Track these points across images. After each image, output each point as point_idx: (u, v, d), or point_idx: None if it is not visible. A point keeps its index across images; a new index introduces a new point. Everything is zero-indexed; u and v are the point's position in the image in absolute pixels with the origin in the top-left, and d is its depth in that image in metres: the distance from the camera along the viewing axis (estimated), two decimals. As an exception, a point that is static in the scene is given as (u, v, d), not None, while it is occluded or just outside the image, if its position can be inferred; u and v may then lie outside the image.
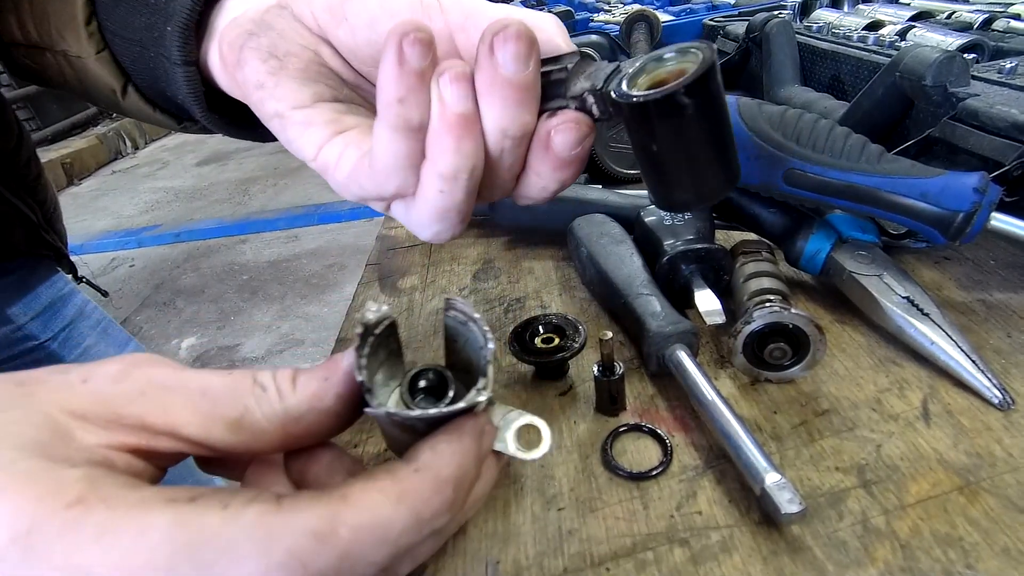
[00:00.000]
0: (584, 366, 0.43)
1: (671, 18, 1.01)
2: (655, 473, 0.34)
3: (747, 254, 0.45)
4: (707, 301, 0.41)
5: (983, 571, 0.27)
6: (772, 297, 0.40)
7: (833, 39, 0.72)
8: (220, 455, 0.24)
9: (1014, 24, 0.68)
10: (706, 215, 0.48)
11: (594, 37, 0.84)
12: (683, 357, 0.38)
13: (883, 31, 0.71)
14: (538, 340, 0.42)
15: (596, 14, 1.18)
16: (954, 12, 0.75)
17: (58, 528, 0.19)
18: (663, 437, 0.36)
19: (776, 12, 0.83)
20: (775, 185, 0.44)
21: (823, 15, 0.84)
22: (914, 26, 0.70)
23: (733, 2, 1.12)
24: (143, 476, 0.23)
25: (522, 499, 0.34)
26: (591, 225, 0.52)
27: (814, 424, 0.36)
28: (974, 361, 0.37)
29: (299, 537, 0.20)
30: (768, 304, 0.39)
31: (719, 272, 0.45)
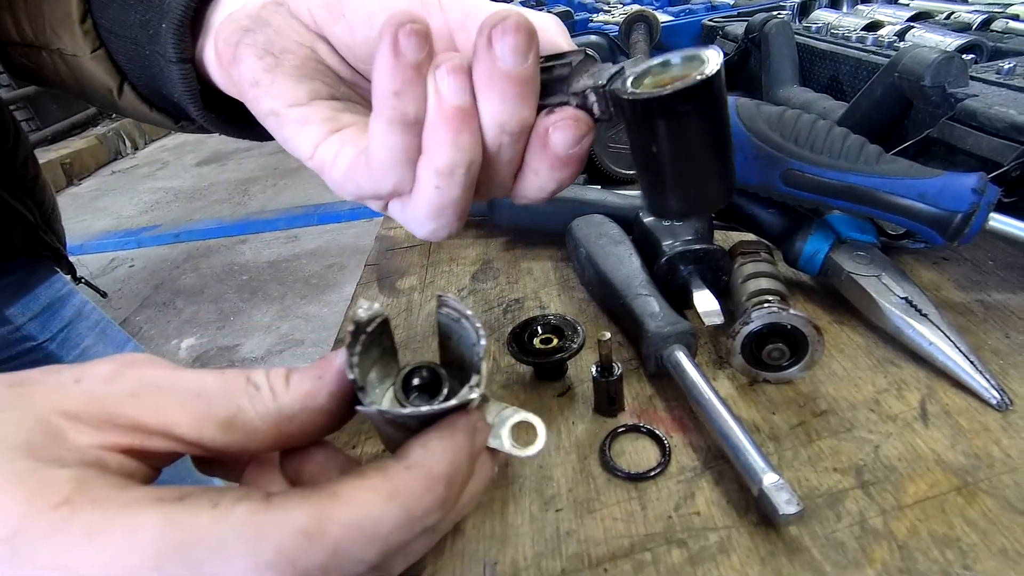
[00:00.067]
0: (582, 367, 0.42)
1: (670, 18, 1.01)
2: (653, 474, 0.34)
3: (746, 255, 0.45)
4: (705, 302, 0.41)
5: (981, 572, 0.27)
6: (770, 298, 0.40)
7: (832, 39, 0.72)
8: (214, 455, 0.24)
9: (1013, 24, 0.68)
10: (704, 216, 0.47)
11: (593, 37, 0.84)
12: (681, 358, 0.38)
13: (882, 31, 0.71)
14: (536, 341, 0.42)
15: (595, 14, 1.18)
16: (953, 13, 0.75)
17: (45, 529, 0.19)
18: (661, 438, 0.36)
19: (775, 12, 0.83)
20: (773, 185, 0.44)
21: (822, 15, 0.84)
22: (913, 26, 0.70)
23: (732, 2, 1.12)
24: (136, 476, 0.23)
25: (520, 500, 0.34)
26: (590, 226, 0.52)
27: (812, 425, 0.36)
28: (972, 362, 0.37)
29: (288, 535, 0.20)
30: (766, 305, 0.39)
31: (718, 273, 0.45)
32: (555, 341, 0.41)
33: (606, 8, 1.23)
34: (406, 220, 0.28)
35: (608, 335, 0.37)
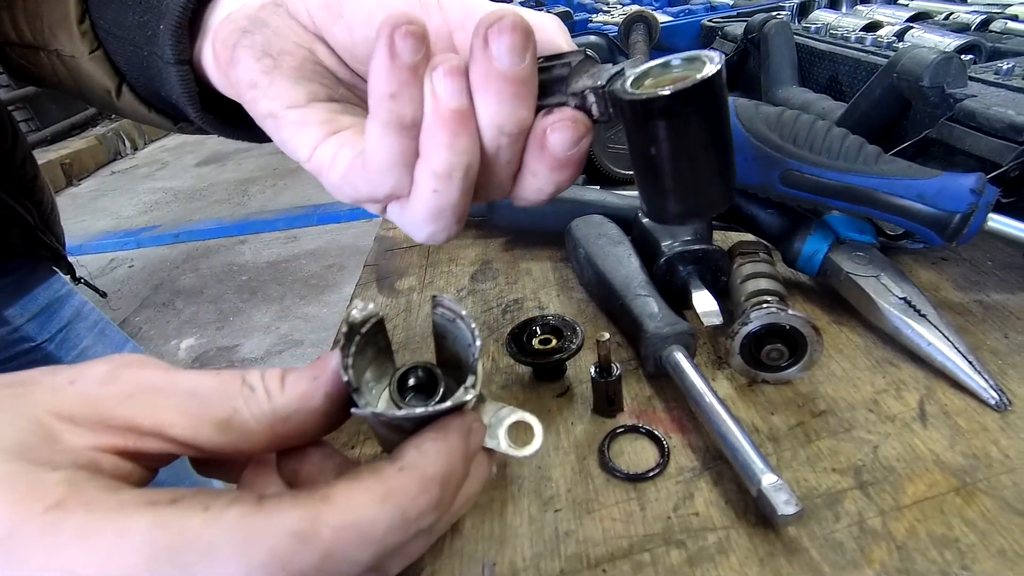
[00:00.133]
0: (581, 367, 0.42)
1: (669, 19, 1.01)
2: (652, 474, 0.34)
3: (745, 255, 0.45)
4: (705, 302, 0.41)
5: (979, 572, 0.27)
6: (769, 298, 0.40)
7: (831, 40, 0.72)
8: (210, 456, 0.24)
9: (1011, 25, 0.68)
10: (704, 218, 0.47)
11: (593, 38, 0.84)
12: (680, 358, 0.38)
13: (881, 32, 0.71)
14: (536, 341, 0.42)
15: (595, 15, 1.18)
16: (952, 13, 0.76)
17: (37, 532, 0.19)
18: (660, 438, 0.36)
19: (774, 13, 0.83)
20: (772, 186, 0.44)
21: (821, 16, 0.84)
22: (912, 27, 0.70)
23: (731, 3, 1.12)
24: (131, 478, 0.23)
25: (519, 500, 0.34)
26: (589, 226, 0.52)
27: (811, 425, 0.36)
28: (971, 362, 0.37)
29: (280, 538, 0.20)
30: (765, 305, 0.39)
31: (717, 273, 0.45)
32: (554, 342, 0.41)
33: (605, 8, 1.23)
34: (404, 223, 0.28)
35: (607, 335, 0.37)
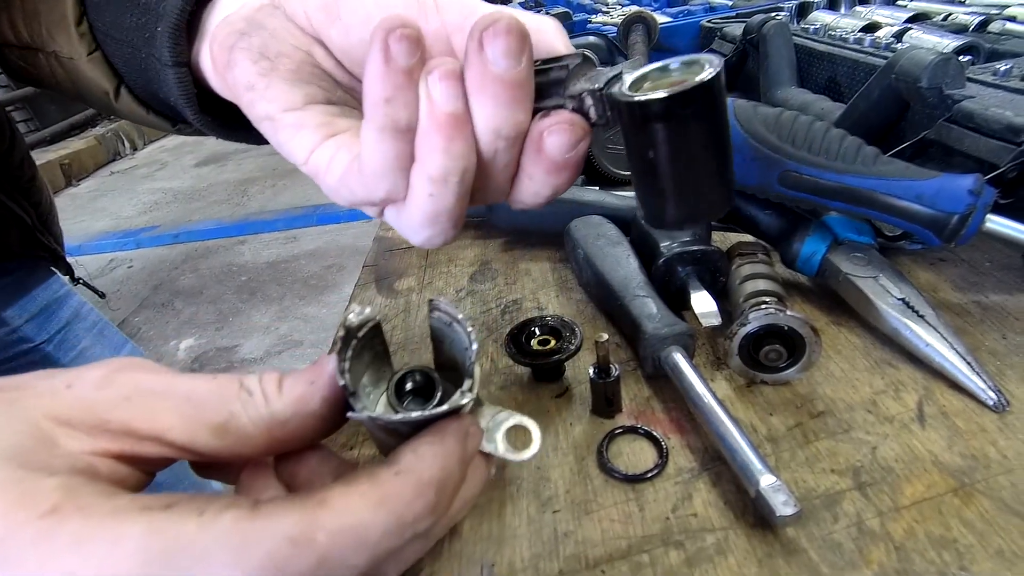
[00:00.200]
0: (580, 368, 0.42)
1: (668, 20, 1.01)
2: (651, 475, 0.34)
3: (743, 256, 0.45)
4: (703, 303, 0.42)
5: (977, 573, 0.27)
6: (768, 299, 0.40)
7: (830, 41, 0.72)
8: (207, 460, 0.24)
9: (1010, 26, 0.68)
10: (702, 223, 0.47)
11: (592, 38, 0.84)
12: (679, 359, 0.38)
13: (879, 33, 0.71)
14: (534, 342, 0.42)
15: (594, 15, 1.18)
16: (950, 14, 0.76)
17: (31, 537, 0.19)
18: (659, 439, 0.36)
19: (773, 14, 0.83)
20: (771, 187, 0.44)
21: (820, 17, 0.84)
22: (910, 28, 0.70)
23: (731, 4, 1.13)
24: (127, 482, 0.23)
25: (517, 501, 0.34)
26: (588, 227, 0.52)
27: (809, 426, 0.36)
28: (969, 363, 0.37)
29: (275, 543, 0.20)
30: (764, 306, 0.39)
31: (715, 274, 0.45)
32: (553, 342, 0.41)
33: (604, 9, 1.23)
34: (401, 227, 0.28)
35: (606, 336, 0.37)
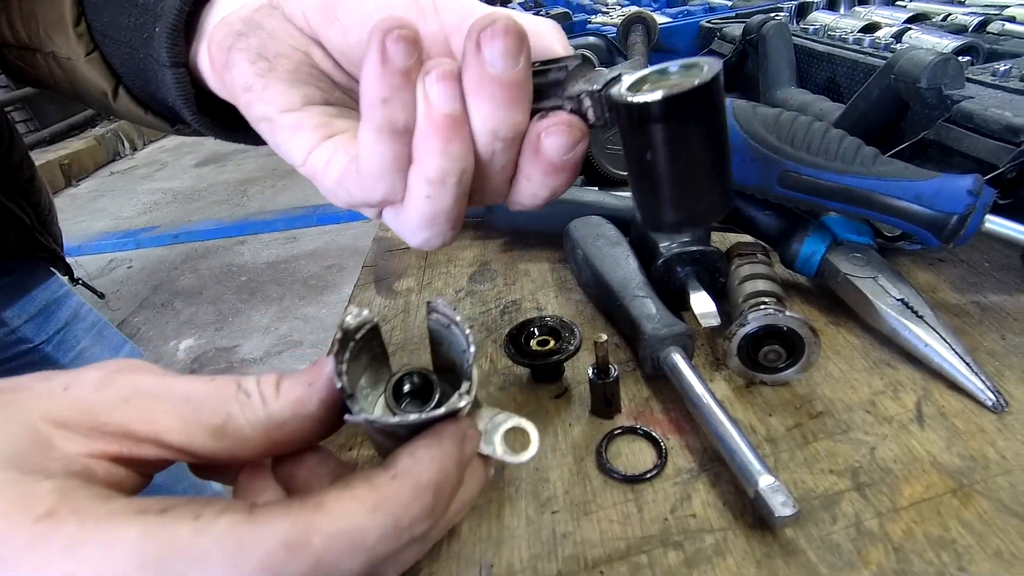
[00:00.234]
0: (579, 368, 0.42)
1: (668, 20, 1.01)
2: (649, 476, 0.34)
3: (742, 256, 0.45)
4: (702, 303, 0.42)
5: (976, 574, 0.27)
6: (767, 299, 0.40)
7: (829, 41, 0.72)
8: (205, 461, 0.24)
9: (1009, 27, 0.68)
10: (700, 227, 0.47)
11: (591, 39, 0.84)
12: (678, 359, 0.38)
13: (879, 33, 0.71)
14: (533, 343, 0.42)
15: (593, 16, 1.18)
16: (949, 15, 0.76)
17: (26, 541, 0.19)
18: (658, 440, 0.36)
19: (773, 14, 0.83)
20: (770, 187, 0.44)
21: (820, 17, 0.84)
22: (910, 28, 0.70)
23: (730, 4, 1.13)
24: (125, 484, 0.23)
25: (516, 502, 0.34)
26: (587, 227, 0.52)
27: (808, 427, 0.36)
28: (968, 363, 0.37)
29: (270, 547, 0.20)
30: (763, 306, 0.39)
31: (714, 274, 0.45)
32: (552, 343, 0.41)
33: (604, 10, 1.23)
34: (399, 228, 0.28)
35: (605, 337, 0.37)
